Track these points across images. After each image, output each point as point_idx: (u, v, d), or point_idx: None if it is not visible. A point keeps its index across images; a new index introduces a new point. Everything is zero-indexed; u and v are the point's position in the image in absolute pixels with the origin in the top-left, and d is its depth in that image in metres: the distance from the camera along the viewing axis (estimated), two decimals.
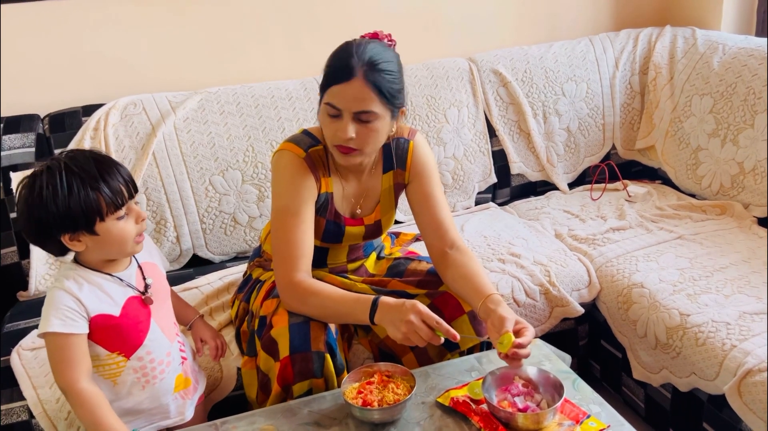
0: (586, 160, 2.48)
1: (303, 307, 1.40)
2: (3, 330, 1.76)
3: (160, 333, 1.32)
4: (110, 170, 1.21)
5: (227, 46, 2.26)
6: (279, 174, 1.46)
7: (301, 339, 1.37)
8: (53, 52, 2.10)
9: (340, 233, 1.54)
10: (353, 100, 1.33)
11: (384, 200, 1.56)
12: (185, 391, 1.38)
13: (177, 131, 2.03)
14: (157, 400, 1.33)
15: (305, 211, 1.44)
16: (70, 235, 1.20)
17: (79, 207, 1.17)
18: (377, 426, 1.25)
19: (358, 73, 1.32)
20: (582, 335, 1.97)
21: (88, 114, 2.03)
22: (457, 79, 2.32)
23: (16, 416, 1.48)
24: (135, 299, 1.29)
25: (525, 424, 1.18)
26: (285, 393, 1.38)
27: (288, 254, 1.42)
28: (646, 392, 1.79)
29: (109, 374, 1.28)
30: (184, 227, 2.02)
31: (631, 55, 2.48)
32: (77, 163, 1.19)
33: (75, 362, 1.21)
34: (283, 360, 1.36)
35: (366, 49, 1.35)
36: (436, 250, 1.53)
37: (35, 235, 1.22)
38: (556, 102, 2.39)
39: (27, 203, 1.19)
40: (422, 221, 1.55)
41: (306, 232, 1.44)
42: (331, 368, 1.38)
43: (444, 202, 1.56)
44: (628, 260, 1.90)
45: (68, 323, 1.20)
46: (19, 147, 1.95)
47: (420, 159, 1.54)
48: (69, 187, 1.17)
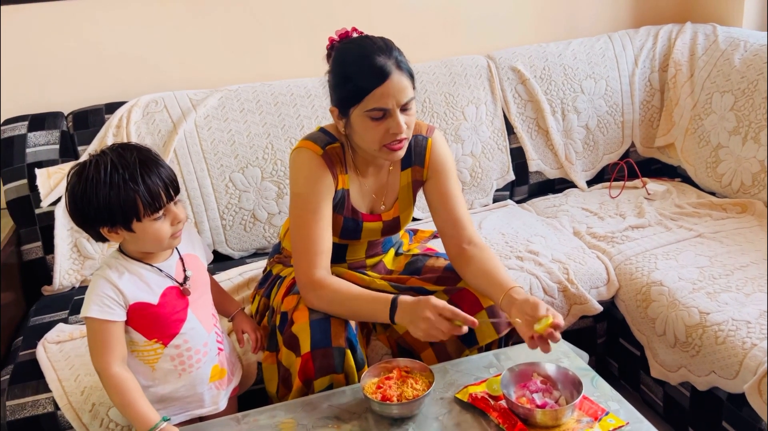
0: (605, 157, 2.47)
1: (323, 305, 1.42)
2: (29, 324, 1.80)
3: (198, 323, 1.36)
4: (152, 171, 1.24)
5: (247, 44, 2.28)
6: (297, 171, 1.47)
7: (322, 335, 1.38)
8: (77, 50, 2.13)
9: (358, 229, 1.55)
10: (399, 93, 1.34)
11: (402, 197, 1.57)
12: (220, 382, 1.42)
13: (198, 129, 2.05)
14: (193, 389, 1.37)
15: (324, 207, 1.45)
16: (109, 228, 1.25)
17: (119, 205, 1.21)
18: (396, 420, 1.26)
19: (392, 68, 1.34)
20: (600, 333, 1.97)
21: (111, 111, 2.06)
22: (475, 76, 2.32)
23: (42, 408, 1.51)
24: (173, 289, 1.33)
25: (543, 420, 1.19)
26: (306, 388, 1.39)
27: (307, 251, 1.43)
28: (664, 390, 1.78)
29: (147, 360, 1.33)
30: (204, 223, 2.05)
31: (650, 52, 2.47)
32: (123, 161, 1.23)
33: (110, 347, 1.26)
34: (304, 355, 1.37)
35: (379, 45, 1.36)
36: (454, 248, 1.54)
37: (79, 221, 1.27)
38: (574, 99, 2.38)
39: (73, 192, 1.24)
40: (440, 218, 1.56)
41: (325, 229, 1.45)
42: (352, 363, 1.39)
43: (461, 199, 1.56)
44: (647, 258, 1.89)
45: (105, 310, 1.25)
46: (43, 144, 1.98)
47: (439, 156, 1.54)
48: (111, 184, 1.21)
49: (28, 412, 1.51)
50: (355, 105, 1.36)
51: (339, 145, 1.48)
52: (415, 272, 1.63)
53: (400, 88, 1.34)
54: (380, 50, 1.35)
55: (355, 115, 1.37)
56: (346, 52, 1.39)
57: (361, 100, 1.34)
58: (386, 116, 1.36)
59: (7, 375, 1.59)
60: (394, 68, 1.34)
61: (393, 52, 1.36)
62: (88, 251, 1.96)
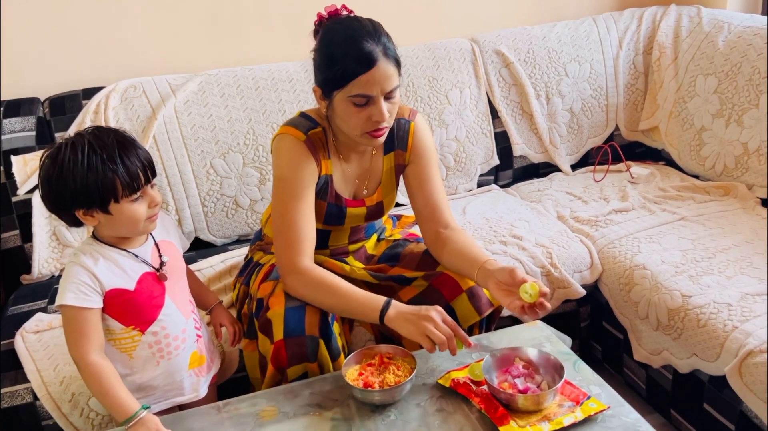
0: (589, 141, 2.46)
1: (307, 292, 1.40)
2: (6, 314, 1.77)
3: (175, 309, 1.34)
4: (130, 152, 1.23)
5: (227, 27, 2.24)
6: (280, 158, 1.45)
7: (296, 323, 1.37)
8: (53, 34, 2.09)
9: (342, 215, 1.54)
10: (384, 81, 1.33)
11: (385, 181, 1.56)
12: (199, 368, 1.41)
13: (177, 114, 2.02)
14: (171, 376, 1.36)
15: (307, 194, 1.43)
16: (84, 211, 1.23)
17: (96, 186, 1.20)
18: (378, 407, 1.25)
19: (380, 55, 1.31)
20: (583, 317, 1.97)
21: (89, 97, 2.02)
22: (459, 59, 2.30)
23: (21, 398, 1.50)
24: (150, 275, 1.31)
25: (525, 405, 1.19)
26: (280, 375, 1.38)
27: (291, 237, 1.41)
28: (647, 373, 1.79)
29: (125, 348, 1.31)
30: (185, 210, 2.02)
31: (635, 35, 2.46)
32: (100, 142, 1.21)
33: (87, 335, 1.24)
34: (277, 343, 1.37)
35: (368, 29, 1.34)
36: (430, 232, 1.54)
37: (52, 206, 1.25)
38: (559, 83, 2.37)
39: (48, 174, 1.21)
40: (417, 202, 1.55)
41: (308, 216, 1.43)
42: (326, 353, 1.38)
43: (440, 184, 1.56)
44: (631, 242, 1.89)
45: (81, 297, 1.23)
46: (19, 130, 1.94)
47: (420, 140, 1.53)
48: (89, 165, 1.19)
49: (6, 403, 1.49)
50: (339, 89, 1.34)
51: (321, 129, 1.46)
52: (394, 258, 1.62)
53: (386, 76, 1.32)
54: (369, 35, 1.32)
55: (338, 98, 1.35)
56: (333, 33, 1.36)
57: (346, 84, 1.32)
58: (369, 103, 1.34)
59: None
60: (381, 55, 1.32)
61: (381, 38, 1.33)
62: (67, 239, 1.93)
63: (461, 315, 1.48)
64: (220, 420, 1.25)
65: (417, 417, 1.23)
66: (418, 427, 1.20)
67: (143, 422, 1.20)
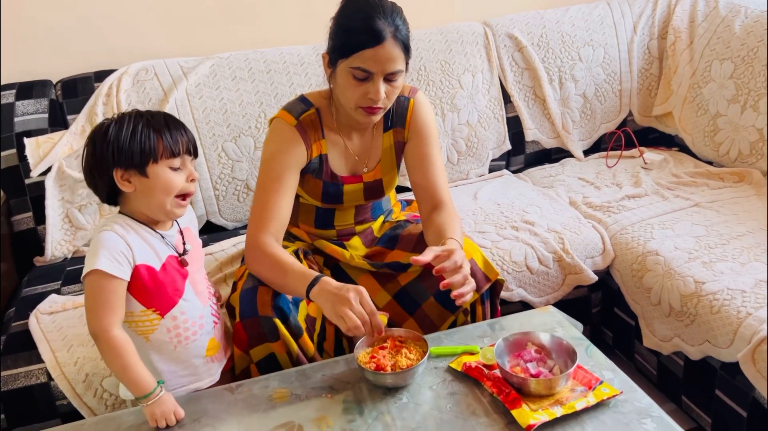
0: (602, 126, 2.44)
1: (260, 270, 1.40)
2: (20, 295, 1.79)
3: (194, 296, 1.34)
4: (177, 124, 1.27)
5: (239, 10, 2.23)
6: (268, 140, 1.48)
7: (249, 305, 1.38)
8: (65, 17, 2.09)
9: (339, 193, 1.54)
10: (387, 62, 1.33)
11: (385, 159, 1.56)
12: (216, 355, 1.40)
13: (189, 97, 2.02)
14: (188, 362, 1.35)
15: (287, 177, 1.44)
16: (123, 172, 1.22)
17: (138, 143, 1.21)
18: (390, 390, 1.25)
19: (389, 35, 1.31)
20: (595, 303, 1.97)
21: (100, 80, 2.02)
22: (471, 43, 2.28)
23: (35, 378, 1.51)
24: (174, 259, 1.31)
25: (537, 390, 1.19)
26: (248, 357, 1.40)
27: (260, 215, 1.43)
28: (658, 359, 1.79)
29: (142, 331, 1.30)
30: (197, 194, 2.03)
31: (650, 19, 2.43)
32: (149, 113, 1.26)
33: (113, 307, 1.22)
34: (236, 325, 1.38)
35: (386, 8, 1.33)
36: (424, 212, 1.53)
37: (92, 170, 1.25)
38: (572, 67, 2.35)
39: (93, 138, 1.24)
40: (414, 180, 1.55)
41: (283, 198, 1.44)
42: (285, 332, 1.37)
43: (439, 163, 1.54)
44: (643, 228, 1.88)
45: (115, 265, 1.21)
46: (32, 113, 1.95)
47: (419, 117, 1.53)
48: (134, 127, 1.22)
49: (21, 383, 1.50)
50: (344, 58, 1.35)
51: (314, 111, 1.48)
52: (393, 239, 1.62)
53: (390, 57, 1.33)
54: (385, 13, 1.32)
55: (340, 68, 1.37)
56: (353, 3, 1.37)
57: (350, 55, 1.33)
58: (368, 79, 1.35)
59: None
60: (390, 35, 1.32)
61: (396, 20, 1.33)
62: (80, 222, 1.94)
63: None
64: (234, 402, 1.26)
65: (429, 400, 1.23)
66: (430, 410, 1.20)
67: (161, 402, 1.21)
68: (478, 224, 1.96)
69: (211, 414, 1.23)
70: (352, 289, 1.25)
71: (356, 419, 1.19)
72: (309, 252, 1.61)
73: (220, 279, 1.76)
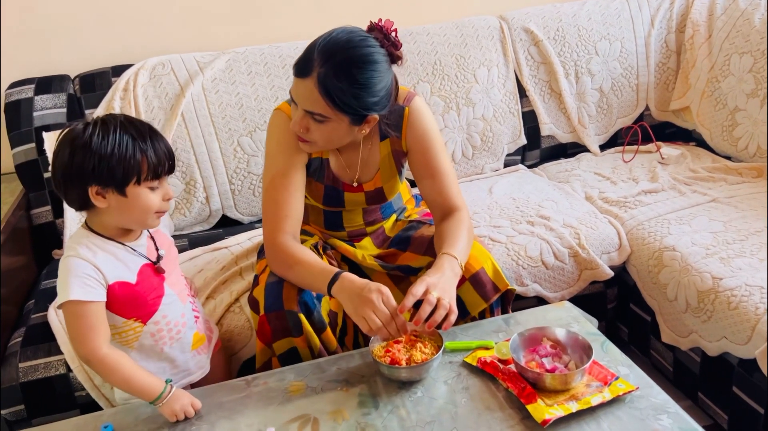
0: (618, 121, 2.43)
1: (281, 269, 1.40)
2: (39, 288, 1.81)
3: (175, 296, 1.33)
4: (159, 139, 1.22)
5: (254, 5, 2.24)
6: (270, 134, 1.46)
7: (274, 298, 1.38)
8: (83, 12, 2.10)
9: (340, 198, 1.53)
10: (304, 99, 1.29)
11: (384, 167, 1.52)
12: (202, 347, 1.42)
13: (205, 92, 2.03)
14: (177, 360, 1.36)
15: (294, 172, 1.43)
16: (99, 189, 1.18)
17: (122, 163, 1.16)
18: (405, 384, 1.26)
19: (314, 74, 1.25)
20: (611, 298, 1.96)
21: (118, 74, 2.04)
22: (487, 37, 2.27)
23: (55, 369, 1.53)
24: (148, 266, 1.29)
25: (553, 385, 1.19)
26: (270, 350, 1.40)
27: (274, 215, 1.42)
28: (674, 356, 1.78)
29: (126, 341, 1.29)
30: (213, 188, 2.04)
31: (667, 13, 2.40)
32: (134, 124, 1.20)
33: (96, 329, 1.20)
34: (260, 318, 1.38)
35: (333, 50, 1.25)
36: (436, 219, 1.51)
37: (66, 179, 1.18)
38: (588, 61, 2.33)
39: (72, 145, 1.16)
40: (423, 190, 1.52)
41: (294, 194, 1.43)
42: (309, 327, 1.38)
43: (446, 169, 1.48)
44: (660, 223, 1.86)
45: (89, 290, 1.19)
46: (50, 107, 1.97)
47: (417, 126, 1.46)
48: (121, 140, 1.16)
49: (41, 374, 1.52)
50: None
51: None
52: (405, 241, 1.60)
53: (308, 97, 1.28)
54: (325, 53, 1.25)
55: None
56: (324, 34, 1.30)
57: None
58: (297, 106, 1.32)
59: (19, 338, 1.60)
60: (314, 76, 1.25)
61: (334, 73, 1.24)
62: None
63: (468, 303, 1.46)
64: (249, 395, 1.27)
65: (444, 394, 1.23)
66: (444, 404, 1.20)
67: (176, 397, 1.21)
68: (493, 219, 1.95)
69: (228, 406, 1.24)
70: (375, 289, 1.24)
71: (371, 412, 1.19)
72: (328, 247, 1.61)
73: (236, 273, 1.77)
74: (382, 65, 1.29)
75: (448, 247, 1.37)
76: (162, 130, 1.96)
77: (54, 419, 1.54)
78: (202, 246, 1.91)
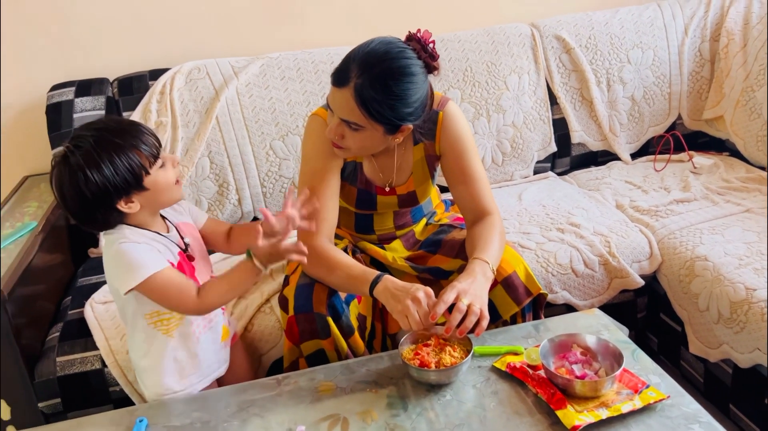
0: (650, 129, 2.41)
1: (319, 272, 1.42)
2: (76, 285, 1.85)
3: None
4: (136, 128, 1.25)
5: (288, 11, 2.27)
6: (306, 139, 1.48)
7: (304, 300, 1.40)
8: (122, 17, 2.15)
9: (373, 201, 1.55)
10: (340, 107, 1.31)
11: (417, 171, 1.53)
12: (227, 341, 1.47)
13: (239, 96, 2.07)
14: (208, 351, 1.40)
15: (330, 177, 1.45)
16: (125, 198, 1.23)
17: (126, 169, 1.21)
18: (433, 387, 1.27)
19: (351, 84, 1.27)
20: (641, 308, 1.94)
21: (155, 78, 2.08)
22: (518, 45, 2.27)
23: (90, 365, 1.57)
24: (181, 255, 1.35)
25: (582, 391, 1.18)
26: (298, 350, 1.43)
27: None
28: (705, 367, 1.76)
29: (167, 329, 1.34)
30: (245, 190, 2.07)
31: (702, 21, 2.38)
32: (105, 135, 1.21)
33: (185, 286, 1.27)
34: (289, 318, 1.41)
35: (371, 61, 1.27)
36: (468, 223, 1.52)
37: (87, 214, 1.23)
38: (620, 69, 2.32)
39: (73, 185, 1.20)
40: (456, 194, 1.52)
41: (330, 198, 1.45)
42: (336, 330, 1.40)
43: (478, 174, 1.49)
44: (692, 233, 1.85)
45: (160, 259, 1.26)
46: (90, 109, 2.02)
47: (450, 131, 1.47)
48: (108, 156, 1.19)
49: (77, 368, 1.56)
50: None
51: None
52: (436, 244, 1.61)
53: (345, 106, 1.29)
54: (364, 65, 1.26)
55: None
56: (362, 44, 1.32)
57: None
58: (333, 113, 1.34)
59: (57, 333, 1.64)
60: (352, 86, 1.27)
61: (371, 83, 1.26)
62: None
63: (500, 306, 1.46)
64: (280, 393, 1.29)
65: (472, 398, 1.24)
66: (473, 408, 1.21)
67: None
68: (522, 225, 1.95)
69: (259, 403, 1.26)
70: (421, 288, 1.27)
71: (400, 414, 1.20)
72: (357, 250, 1.63)
73: (266, 275, 1.79)
74: (419, 77, 1.31)
75: (480, 252, 1.38)
76: (197, 134, 2.01)
77: (88, 413, 1.56)
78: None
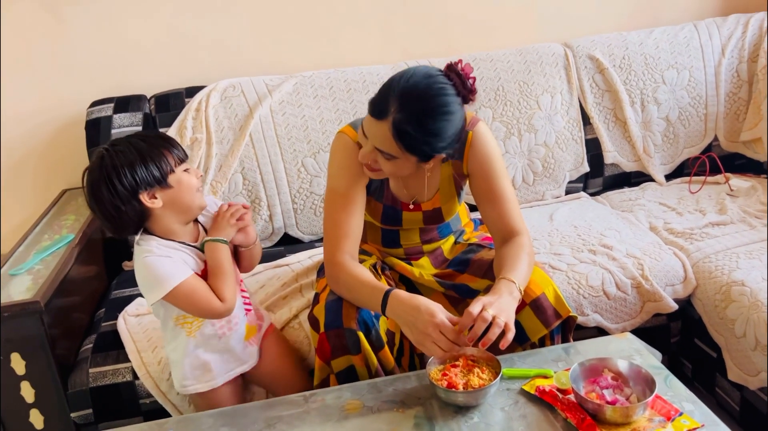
0: (685, 151, 2.37)
1: (340, 289, 1.44)
2: (110, 297, 1.89)
3: None
4: (166, 136, 1.39)
5: (322, 30, 2.31)
6: (332, 156, 1.50)
7: (334, 316, 1.41)
8: (160, 36, 2.21)
9: (398, 217, 1.55)
10: (376, 137, 1.32)
11: (444, 188, 1.53)
12: (254, 338, 1.52)
13: (273, 113, 2.10)
14: (235, 350, 1.48)
15: (354, 193, 1.46)
16: (149, 192, 1.32)
17: (153, 162, 1.32)
18: (461, 408, 1.25)
19: (389, 118, 1.28)
20: (674, 332, 1.90)
21: (191, 95, 2.13)
22: (551, 64, 2.27)
23: (122, 376, 1.59)
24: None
25: (613, 417, 1.16)
26: (328, 367, 1.43)
27: (333, 234, 1.45)
28: (742, 395, 1.71)
29: (189, 330, 1.42)
30: (276, 206, 2.09)
31: (739, 42, 2.35)
32: (137, 137, 1.36)
33: (206, 295, 1.36)
34: (320, 335, 1.41)
35: (411, 98, 1.28)
36: (497, 243, 1.51)
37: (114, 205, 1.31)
38: (655, 90, 2.30)
39: (102, 178, 1.30)
40: (484, 214, 1.52)
41: (353, 214, 1.46)
42: (367, 345, 1.39)
43: (507, 194, 1.48)
44: (728, 256, 1.81)
45: (185, 269, 1.35)
46: (128, 125, 2.07)
47: (479, 151, 1.47)
48: (139, 150, 1.32)
49: (109, 380, 1.59)
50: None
51: None
52: (463, 263, 1.60)
53: (381, 138, 1.31)
54: (402, 99, 1.27)
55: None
56: (399, 74, 1.34)
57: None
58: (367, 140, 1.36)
59: (90, 344, 1.67)
60: (390, 121, 1.28)
61: (409, 119, 1.27)
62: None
63: (528, 328, 1.44)
64: (307, 410, 1.29)
65: (500, 420, 1.22)
66: None
67: None
68: (553, 246, 1.93)
69: (286, 420, 1.26)
70: (429, 322, 1.26)
71: None
72: (386, 267, 1.63)
73: (296, 290, 1.81)
74: (457, 115, 1.32)
75: (507, 272, 1.37)
76: (230, 150, 2.05)
77: (119, 425, 1.59)
78: (264, 263, 1.96)
